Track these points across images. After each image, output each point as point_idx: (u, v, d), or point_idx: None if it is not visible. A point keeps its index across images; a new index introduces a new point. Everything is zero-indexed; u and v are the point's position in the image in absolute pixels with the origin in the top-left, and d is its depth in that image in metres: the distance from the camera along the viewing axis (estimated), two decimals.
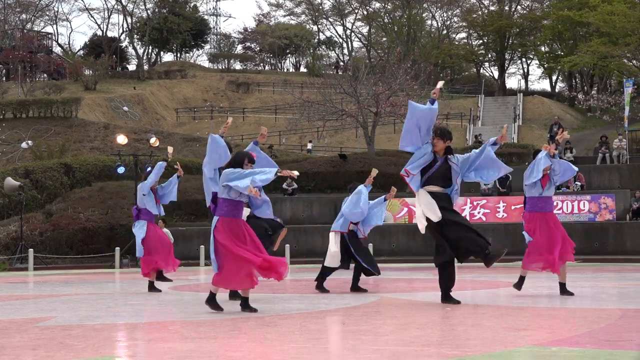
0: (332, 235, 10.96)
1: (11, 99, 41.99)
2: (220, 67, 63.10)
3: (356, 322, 7.38)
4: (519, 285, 10.01)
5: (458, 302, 8.65)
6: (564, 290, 9.87)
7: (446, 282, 8.81)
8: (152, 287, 11.34)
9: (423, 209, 8.70)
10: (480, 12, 58.00)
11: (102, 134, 38.41)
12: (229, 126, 9.50)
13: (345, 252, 10.83)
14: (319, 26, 65.75)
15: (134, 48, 60.94)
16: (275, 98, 51.63)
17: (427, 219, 8.67)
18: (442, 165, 8.76)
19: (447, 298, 8.76)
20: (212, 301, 8.19)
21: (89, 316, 8.44)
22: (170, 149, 11.76)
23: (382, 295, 10.22)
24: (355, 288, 10.83)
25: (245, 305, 8.28)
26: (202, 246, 21.68)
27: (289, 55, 66.83)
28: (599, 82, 53.63)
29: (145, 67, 58.32)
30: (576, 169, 10.34)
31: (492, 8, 57.99)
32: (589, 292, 10.88)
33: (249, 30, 66.75)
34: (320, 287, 10.95)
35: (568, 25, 50.28)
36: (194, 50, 66.99)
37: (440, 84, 8.89)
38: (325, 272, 11.03)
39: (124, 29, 62.73)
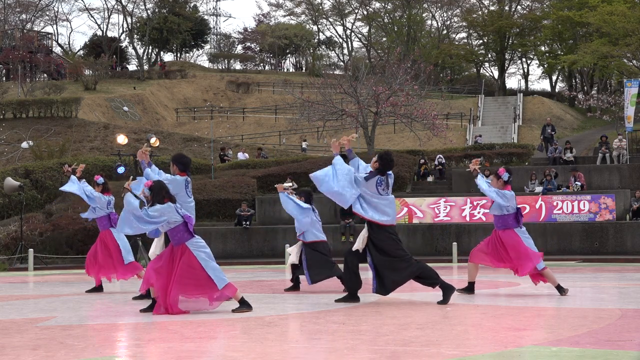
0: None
1: (11, 99, 41.96)
2: (220, 67, 63.11)
3: (356, 322, 7.37)
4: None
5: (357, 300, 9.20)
6: (560, 290, 9.88)
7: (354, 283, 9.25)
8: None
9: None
10: (480, 12, 58.03)
11: (102, 134, 38.42)
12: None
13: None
14: (319, 26, 65.83)
15: (134, 48, 60.96)
16: (275, 98, 51.63)
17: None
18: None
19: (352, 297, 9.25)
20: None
21: (89, 316, 8.44)
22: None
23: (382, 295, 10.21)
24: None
25: (242, 303, 8.28)
26: None
27: (289, 55, 66.84)
28: (599, 82, 53.66)
29: (146, 67, 58.33)
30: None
31: (492, 8, 58.01)
32: (589, 292, 10.87)
33: (249, 30, 66.79)
34: (291, 288, 11.50)
35: (568, 25, 50.32)
36: (194, 50, 67.06)
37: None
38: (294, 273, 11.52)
39: (124, 29, 62.83)
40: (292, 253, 11.50)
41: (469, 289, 10.20)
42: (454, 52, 56.69)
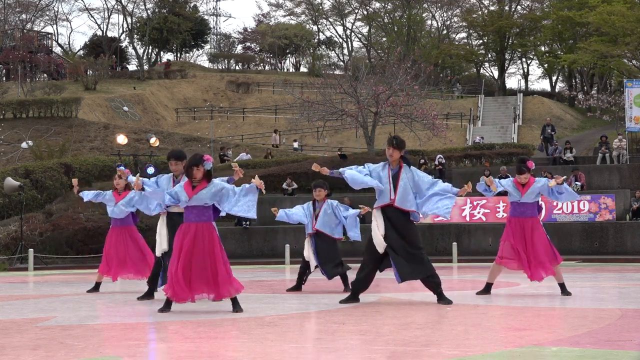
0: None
1: (11, 99, 41.96)
2: (220, 67, 63.10)
3: (356, 322, 7.37)
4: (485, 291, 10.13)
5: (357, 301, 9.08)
6: (564, 290, 9.88)
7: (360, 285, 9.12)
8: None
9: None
10: (480, 12, 58.01)
11: (102, 134, 38.41)
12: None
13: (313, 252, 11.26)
14: (319, 26, 65.80)
15: (134, 48, 60.96)
16: (275, 98, 51.61)
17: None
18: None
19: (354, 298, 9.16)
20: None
21: (89, 316, 8.44)
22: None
23: (382, 295, 10.22)
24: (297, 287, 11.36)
25: (235, 305, 8.25)
26: None
27: (289, 55, 66.84)
28: (599, 82, 53.66)
29: (146, 67, 58.30)
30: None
31: (492, 8, 57.99)
32: (589, 292, 10.88)
33: (249, 30, 66.79)
34: (293, 288, 11.41)
35: (568, 25, 50.33)
36: (194, 50, 67.04)
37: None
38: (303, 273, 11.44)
39: (124, 29, 62.82)
40: (305, 249, 11.38)
41: (486, 289, 10.12)
42: (454, 52, 56.67)
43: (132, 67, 62.70)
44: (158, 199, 9.06)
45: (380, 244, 8.80)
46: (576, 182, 24.94)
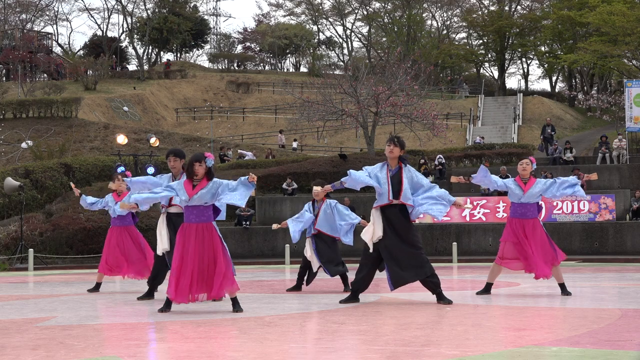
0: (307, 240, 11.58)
1: (11, 99, 41.95)
2: (220, 67, 63.10)
3: (356, 322, 7.37)
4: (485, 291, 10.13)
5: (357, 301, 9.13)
6: (564, 290, 9.88)
7: (359, 284, 9.14)
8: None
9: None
10: (480, 12, 58.03)
11: (102, 134, 38.41)
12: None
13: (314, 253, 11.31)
14: (319, 26, 65.84)
15: (134, 48, 60.97)
16: (275, 98, 51.62)
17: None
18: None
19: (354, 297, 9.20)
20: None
21: (89, 316, 8.44)
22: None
23: (382, 295, 10.22)
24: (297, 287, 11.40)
25: (235, 304, 8.25)
26: None
27: (289, 55, 66.85)
28: (599, 81, 53.67)
29: (146, 67, 58.29)
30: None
31: (492, 8, 58.02)
32: (589, 292, 10.87)
33: (249, 30, 66.79)
34: (293, 288, 11.44)
35: (568, 25, 50.33)
36: (194, 50, 67.06)
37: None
38: (303, 274, 11.49)
39: (124, 29, 62.83)
40: (307, 249, 11.40)
41: (487, 289, 10.11)
42: (454, 52, 56.68)
43: (132, 67, 62.76)
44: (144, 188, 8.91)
45: (368, 240, 8.90)
46: None
